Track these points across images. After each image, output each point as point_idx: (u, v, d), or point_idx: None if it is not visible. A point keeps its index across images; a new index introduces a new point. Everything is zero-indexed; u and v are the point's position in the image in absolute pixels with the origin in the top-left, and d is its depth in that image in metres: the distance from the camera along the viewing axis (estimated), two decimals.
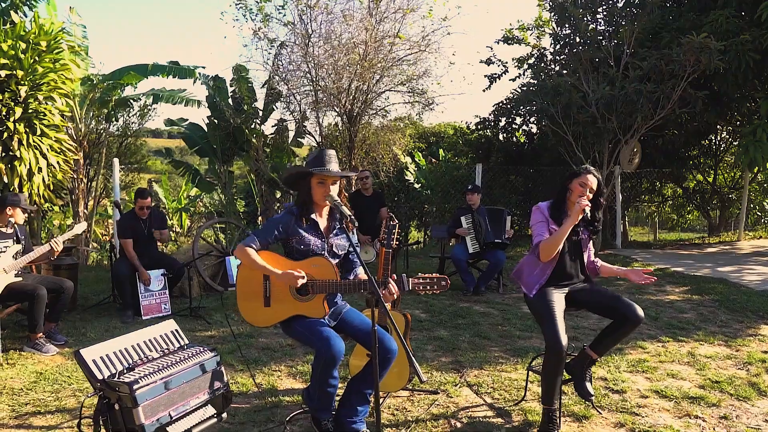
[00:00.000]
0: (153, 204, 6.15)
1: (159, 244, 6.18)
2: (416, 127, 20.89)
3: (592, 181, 3.29)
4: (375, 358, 2.43)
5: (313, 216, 2.96)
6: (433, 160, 15.89)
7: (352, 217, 2.77)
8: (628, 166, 10.62)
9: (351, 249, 3.01)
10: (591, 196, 3.29)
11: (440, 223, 12.52)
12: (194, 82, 11.39)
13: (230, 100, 12.53)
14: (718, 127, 13.03)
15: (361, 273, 3.08)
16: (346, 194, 3.11)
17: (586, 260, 3.47)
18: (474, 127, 12.76)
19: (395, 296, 2.86)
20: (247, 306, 2.87)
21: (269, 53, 11.89)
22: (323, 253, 2.94)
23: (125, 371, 2.34)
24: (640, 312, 3.19)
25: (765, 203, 14.16)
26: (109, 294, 6.20)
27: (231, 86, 12.58)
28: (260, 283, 2.85)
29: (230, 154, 12.74)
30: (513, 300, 6.43)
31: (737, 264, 8.87)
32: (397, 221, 3.48)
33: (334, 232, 3.04)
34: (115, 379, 2.28)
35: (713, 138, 13.48)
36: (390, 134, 13.65)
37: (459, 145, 14.10)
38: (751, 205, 13.91)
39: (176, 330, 2.72)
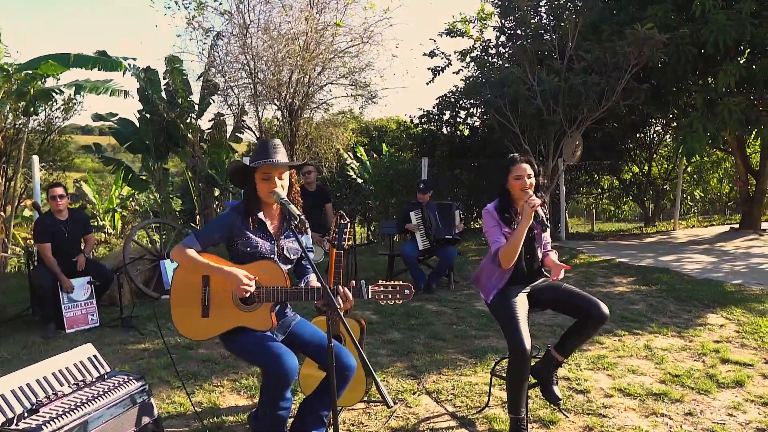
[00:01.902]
0: (74, 204, 5.59)
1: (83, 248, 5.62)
2: (358, 122, 20.63)
3: (525, 168, 3.09)
4: (332, 378, 2.14)
5: (260, 216, 2.63)
6: (375, 155, 15.67)
7: (303, 218, 2.46)
8: (571, 158, 10.72)
9: (303, 254, 2.69)
10: (533, 183, 3.11)
11: (385, 218, 12.31)
12: (123, 73, 10.67)
13: (164, 93, 11.84)
14: (652, 120, 13.43)
15: (313, 280, 2.77)
16: (298, 189, 2.79)
17: (542, 255, 3.30)
18: (418, 121, 12.59)
19: (351, 305, 2.58)
20: (181, 315, 2.51)
21: (204, 44, 11.31)
22: (272, 257, 2.62)
23: (26, 415, 1.90)
24: (605, 309, 3.04)
25: (696, 193, 14.72)
26: (28, 305, 5.60)
27: (164, 78, 11.90)
28: (198, 289, 2.50)
29: (164, 150, 12.04)
30: (465, 297, 6.27)
31: (676, 253, 9.08)
32: (348, 220, 3.20)
33: (285, 234, 2.72)
34: (12, 426, 1.85)
35: (648, 131, 13.87)
36: (332, 129, 13.32)
37: (402, 140, 13.91)
38: (684, 195, 14.42)
39: (94, 356, 2.31)
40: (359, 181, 14.44)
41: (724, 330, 5.01)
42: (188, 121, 11.75)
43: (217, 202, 12.68)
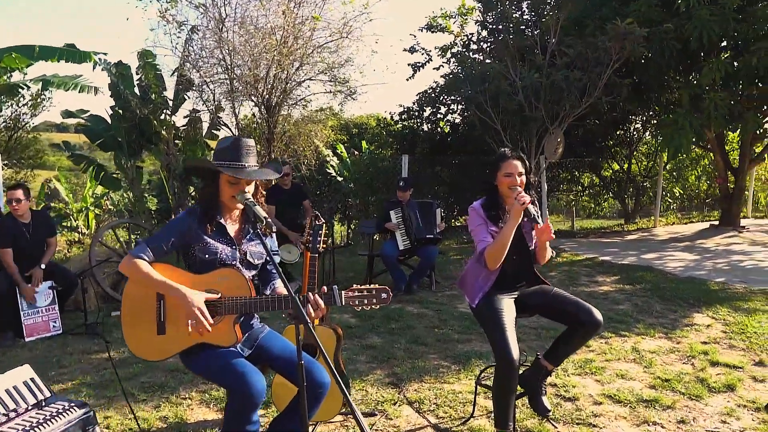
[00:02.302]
0: (38, 206, 5.28)
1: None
2: (338, 119, 20.38)
3: (517, 165, 2.93)
4: (303, 400, 1.93)
5: (220, 219, 2.41)
6: (356, 152, 15.44)
7: (269, 220, 2.23)
8: (553, 156, 10.60)
9: (268, 258, 2.47)
10: (524, 182, 2.94)
11: (365, 217, 12.10)
12: (94, 67, 10.30)
13: (136, 89, 11.48)
14: (632, 117, 13.41)
15: (280, 287, 2.55)
16: (264, 192, 2.56)
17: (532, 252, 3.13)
18: (398, 117, 12.38)
19: (322, 313, 2.36)
20: (134, 333, 2.26)
21: (178, 37, 10.96)
22: (234, 263, 2.40)
23: None
24: (598, 316, 2.88)
25: (675, 190, 14.76)
26: None
27: (137, 73, 11.53)
28: (152, 304, 2.26)
29: (137, 148, 11.67)
30: (447, 298, 6.09)
31: (658, 251, 9.02)
32: (323, 220, 2.99)
33: (248, 237, 2.49)
34: None
35: (628, 128, 13.85)
36: (311, 125, 13.06)
37: (382, 137, 13.70)
38: (663, 192, 14.44)
39: (31, 379, 2.05)
40: (339, 178, 14.21)
41: (711, 330, 4.90)
42: (162, 117, 11.40)
43: (192, 201, 12.33)
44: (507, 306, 2.91)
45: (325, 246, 2.98)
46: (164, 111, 11.35)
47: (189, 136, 12.31)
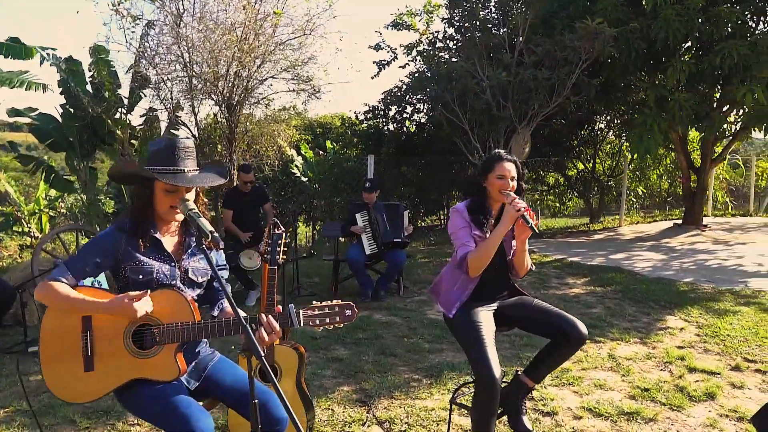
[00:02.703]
0: None
1: None
2: (302, 118, 20.01)
3: (510, 169, 2.74)
4: None
5: (155, 233, 2.10)
6: (321, 152, 15.14)
7: (216, 235, 1.94)
8: (520, 155, 10.53)
9: (213, 274, 2.17)
10: (515, 187, 2.75)
11: (329, 218, 11.82)
12: (41, 63, 9.74)
13: (89, 86, 10.93)
14: (596, 117, 13.48)
15: (227, 308, 2.27)
16: (206, 200, 2.26)
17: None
18: (363, 116, 12.13)
19: (278, 336, 2.09)
20: (57, 374, 1.93)
21: (132, 32, 10.46)
22: (173, 282, 2.10)
23: None
24: (583, 329, 2.69)
25: (639, 189, 14.92)
26: None
27: (90, 70, 10.98)
28: (76, 335, 1.94)
29: (90, 148, 11.12)
30: (416, 304, 5.87)
31: (625, 250, 9.01)
32: (282, 229, 2.73)
33: (189, 252, 2.19)
34: None
35: (593, 128, 13.92)
36: (274, 125, 12.71)
37: (347, 137, 13.44)
38: (627, 191, 14.60)
39: None
40: (303, 179, 13.88)
41: (685, 334, 4.81)
42: (117, 116, 10.88)
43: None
44: (486, 319, 2.70)
45: (285, 258, 2.72)
46: (118, 109, 10.84)
47: (146, 135, 11.82)
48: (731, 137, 10.49)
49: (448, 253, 8.34)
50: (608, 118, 13.49)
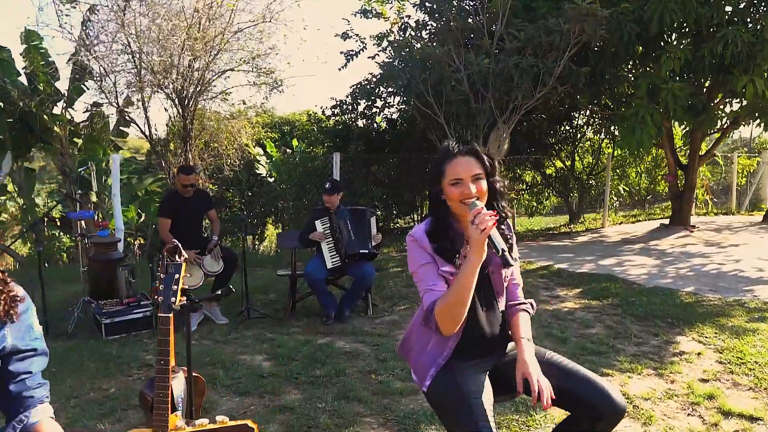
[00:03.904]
0: None
1: None
2: (269, 116, 18.99)
3: (468, 165, 1.89)
4: None
5: None
6: (287, 150, 14.21)
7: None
8: (498, 152, 9.77)
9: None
10: (484, 189, 1.90)
11: (297, 222, 10.91)
12: None
13: (23, 78, 9.82)
14: (574, 114, 12.84)
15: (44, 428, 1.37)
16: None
17: (506, 300, 2.10)
18: (330, 112, 11.23)
19: None
20: None
21: (67, 15, 9.37)
22: None
23: None
24: (621, 401, 1.87)
25: (620, 188, 14.33)
26: None
27: (24, 58, 9.86)
28: None
29: (25, 147, 10.00)
30: (386, 326, 5.02)
31: (613, 255, 8.32)
32: (182, 258, 1.85)
33: None
34: None
35: (572, 124, 13.28)
36: (234, 122, 11.73)
37: (314, 134, 12.53)
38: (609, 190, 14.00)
39: None
40: (270, 179, 12.93)
41: (704, 360, 4.06)
42: (57, 112, 9.79)
43: (94, 208, 10.74)
44: (477, 384, 1.87)
45: (182, 301, 1.85)
46: (56, 104, 9.76)
47: (91, 133, 10.74)
48: (720, 132, 9.89)
49: None
50: (588, 113, 12.84)
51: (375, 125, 11.65)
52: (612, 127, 11.75)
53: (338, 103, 10.86)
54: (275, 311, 5.49)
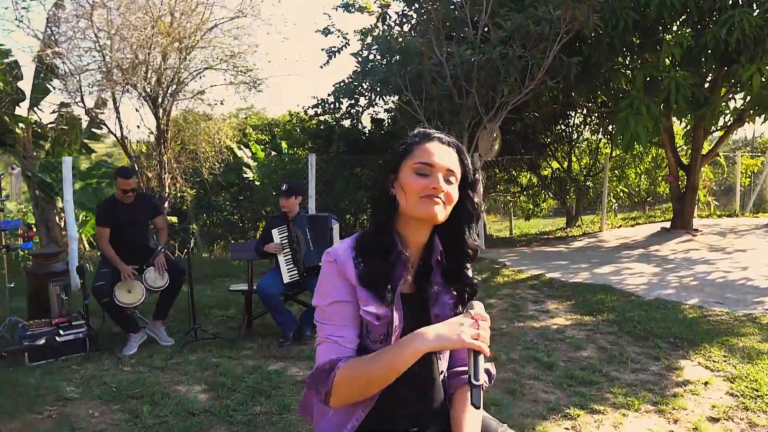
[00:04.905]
0: None
1: None
2: (258, 117, 18.46)
3: (447, 156, 1.34)
4: None
5: None
6: (273, 152, 13.67)
7: None
8: (488, 153, 9.20)
9: None
10: (453, 196, 1.32)
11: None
12: None
13: None
14: (570, 113, 12.29)
15: None
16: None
17: (449, 362, 1.50)
18: (313, 111, 10.65)
19: None
20: None
21: (24, 8, 8.78)
22: None
23: None
24: None
25: (619, 189, 13.74)
26: None
27: None
28: None
29: None
30: None
31: (611, 261, 7.74)
32: None
33: None
34: None
35: (568, 123, 12.72)
36: (212, 123, 11.17)
37: (296, 134, 11.95)
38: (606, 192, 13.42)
39: None
40: (257, 183, 12.37)
41: (712, 392, 3.47)
42: (15, 112, 9.21)
43: (60, 215, 10.17)
44: None
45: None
46: (17, 104, 9.19)
47: (60, 136, 10.16)
48: (724, 130, 9.30)
49: None
50: (584, 112, 12.27)
51: (360, 125, 11.09)
52: (610, 126, 11.17)
53: (319, 102, 10.28)
54: (229, 330, 4.92)
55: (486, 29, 6.76)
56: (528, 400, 3.36)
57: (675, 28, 7.18)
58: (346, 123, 11.02)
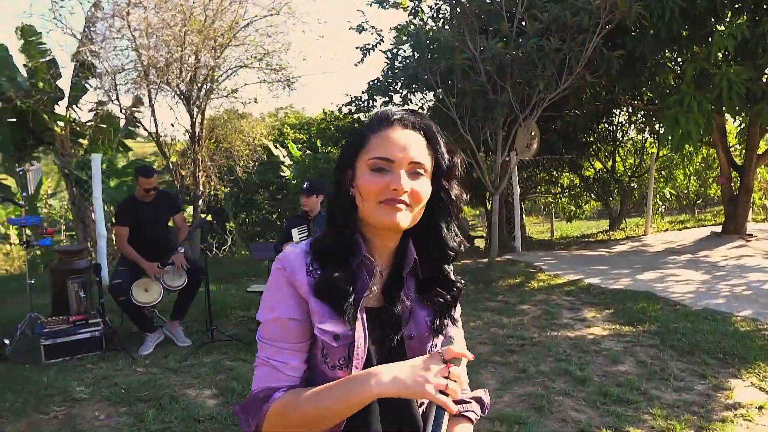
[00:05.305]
0: None
1: None
2: (295, 116, 18.48)
3: (411, 143, 1.06)
4: None
5: None
6: (308, 151, 13.61)
7: None
8: (526, 152, 8.84)
9: None
10: (422, 193, 1.06)
11: None
12: None
13: (24, 75, 9.43)
14: (614, 112, 11.78)
15: None
16: None
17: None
18: (346, 110, 10.50)
19: None
20: None
21: (62, 8, 8.88)
22: None
23: None
24: None
25: (666, 191, 13.10)
26: None
27: (26, 55, 9.47)
28: None
29: (27, 148, 9.63)
30: None
31: (655, 267, 7.29)
32: None
33: None
34: None
35: (612, 121, 12.19)
36: (245, 121, 11.16)
37: (330, 132, 11.83)
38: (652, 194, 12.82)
39: None
40: (293, 182, 12.34)
41: (767, 418, 3.10)
42: (55, 110, 9.36)
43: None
44: None
45: None
46: (56, 102, 9.33)
47: (95, 134, 10.30)
48: None
49: None
50: (629, 110, 11.73)
51: None
52: (657, 125, 10.62)
53: (353, 99, 10.13)
54: (249, 332, 4.78)
55: (522, 22, 6.44)
56: (556, 419, 3.08)
57: (728, 18, 6.67)
58: None
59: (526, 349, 4.21)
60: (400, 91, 9.19)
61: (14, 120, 9.30)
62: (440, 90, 6.37)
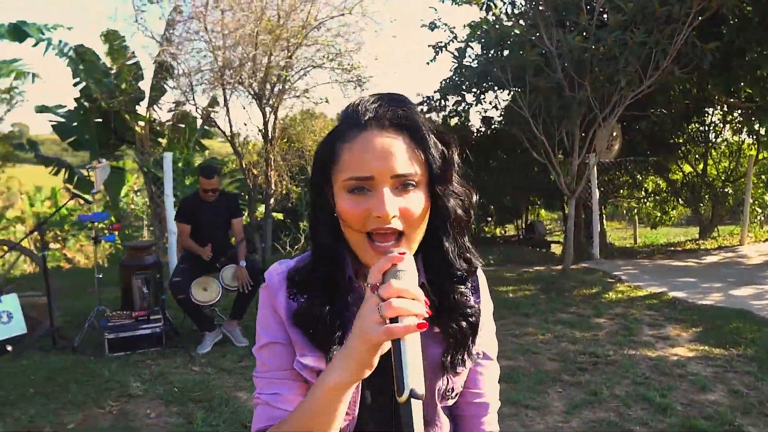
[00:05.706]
0: None
1: None
2: None
3: (390, 150, 0.83)
4: None
5: None
6: None
7: None
8: (607, 154, 8.33)
9: None
10: (414, 210, 0.85)
11: None
12: (45, 50, 8.67)
13: (110, 77, 9.90)
14: (706, 111, 10.89)
15: None
16: None
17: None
18: (418, 110, 10.28)
19: None
20: None
21: (143, 10, 9.16)
22: None
23: None
24: None
25: (766, 198, 11.99)
26: None
27: (110, 57, 9.94)
28: None
29: (111, 147, 10.11)
30: None
31: (752, 282, 6.60)
32: None
33: None
34: None
35: (704, 120, 11.29)
36: (317, 121, 11.22)
37: None
38: (750, 200, 11.78)
39: None
40: None
41: None
42: (137, 110, 9.76)
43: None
44: None
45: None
46: (138, 103, 9.72)
47: (173, 135, 10.67)
48: None
49: (508, 280, 6.34)
50: (724, 109, 10.81)
51: (468, 123, 10.64)
52: (756, 125, 9.72)
53: (425, 99, 9.93)
54: None
55: (603, 14, 6.00)
56: None
57: None
58: (453, 121, 10.56)
59: (599, 368, 3.85)
60: (473, 89, 8.89)
61: (100, 120, 9.79)
62: (511, 87, 6.04)
